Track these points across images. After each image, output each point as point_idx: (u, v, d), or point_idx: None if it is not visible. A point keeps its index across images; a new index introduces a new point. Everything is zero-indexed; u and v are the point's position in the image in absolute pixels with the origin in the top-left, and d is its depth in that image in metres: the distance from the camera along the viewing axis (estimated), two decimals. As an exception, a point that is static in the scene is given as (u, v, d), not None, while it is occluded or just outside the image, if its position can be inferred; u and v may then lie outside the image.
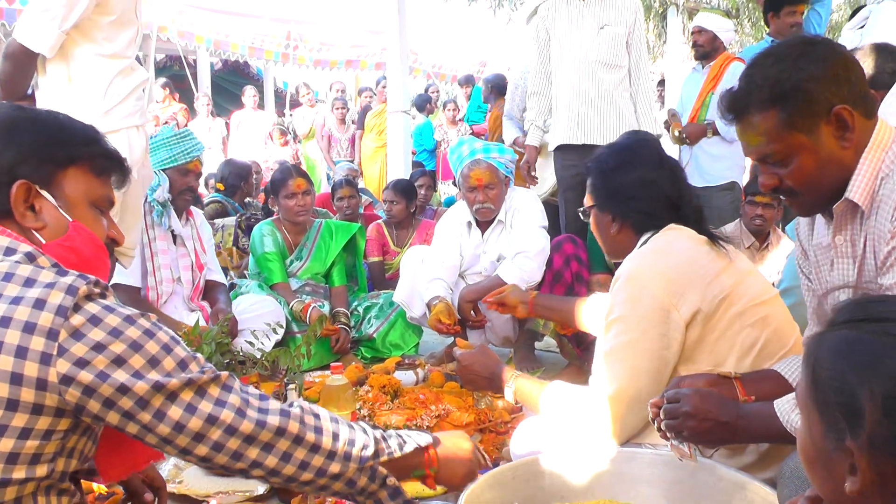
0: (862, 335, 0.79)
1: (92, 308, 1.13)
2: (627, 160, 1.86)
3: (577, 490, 1.53)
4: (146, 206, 3.18)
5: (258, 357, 2.89)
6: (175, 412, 1.16)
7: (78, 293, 1.12)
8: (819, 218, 1.56)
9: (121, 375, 1.12)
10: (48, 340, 1.09)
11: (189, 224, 3.40)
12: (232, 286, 3.66)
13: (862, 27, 3.53)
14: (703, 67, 4.51)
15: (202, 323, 3.05)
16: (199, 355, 1.23)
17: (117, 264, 2.91)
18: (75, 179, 1.29)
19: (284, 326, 3.36)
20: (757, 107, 1.38)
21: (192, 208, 3.47)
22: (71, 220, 1.28)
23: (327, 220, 3.95)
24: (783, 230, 3.73)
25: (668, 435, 1.45)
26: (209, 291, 3.43)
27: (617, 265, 3.05)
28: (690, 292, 1.66)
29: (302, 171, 3.94)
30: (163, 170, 3.23)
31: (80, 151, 1.30)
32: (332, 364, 2.28)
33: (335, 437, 1.26)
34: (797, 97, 1.34)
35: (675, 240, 1.77)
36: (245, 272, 4.19)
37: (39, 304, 1.10)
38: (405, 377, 2.88)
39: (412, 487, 2.03)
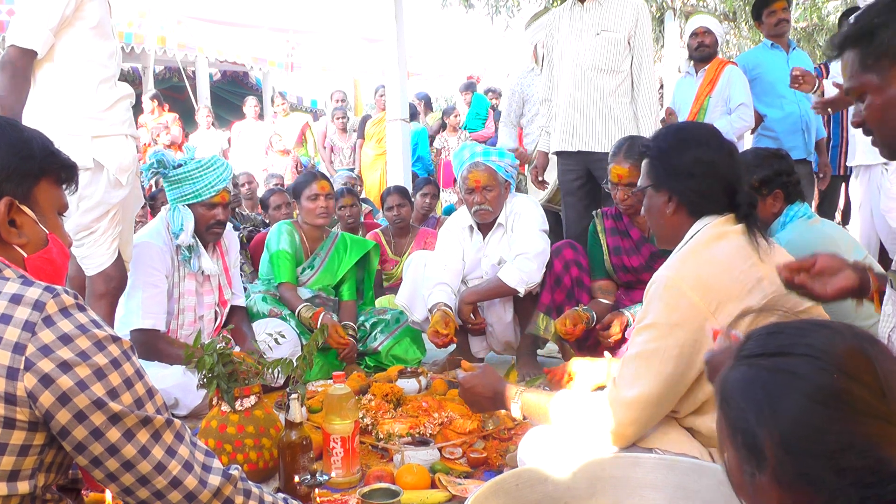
0: (759, 372, 0.79)
1: (65, 326, 1.12)
2: (685, 139, 1.85)
3: (582, 496, 1.53)
4: (174, 246, 3.06)
5: (259, 367, 2.87)
6: (129, 451, 1.16)
7: (45, 308, 1.11)
8: None
9: (81, 401, 1.11)
10: (14, 355, 1.08)
11: (216, 255, 3.23)
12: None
13: None
14: (696, 73, 4.50)
15: None
16: (157, 395, 1.22)
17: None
18: (46, 191, 1.29)
19: (289, 339, 3.23)
20: (844, 47, 1.49)
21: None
22: (47, 232, 1.29)
23: (343, 233, 3.90)
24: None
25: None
26: (230, 316, 3.33)
27: (620, 271, 3.10)
28: (730, 303, 1.63)
29: (325, 175, 3.85)
30: (187, 205, 3.02)
31: (47, 163, 1.29)
32: (334, 373, 2.28)
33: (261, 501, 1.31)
34: (870, 40, 1.42)
35: (716, 242, 1.72)
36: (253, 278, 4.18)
37: (5, 318, 1.09)
38: (408, 385, 2.88)
39: (419, 495, 2.03)
